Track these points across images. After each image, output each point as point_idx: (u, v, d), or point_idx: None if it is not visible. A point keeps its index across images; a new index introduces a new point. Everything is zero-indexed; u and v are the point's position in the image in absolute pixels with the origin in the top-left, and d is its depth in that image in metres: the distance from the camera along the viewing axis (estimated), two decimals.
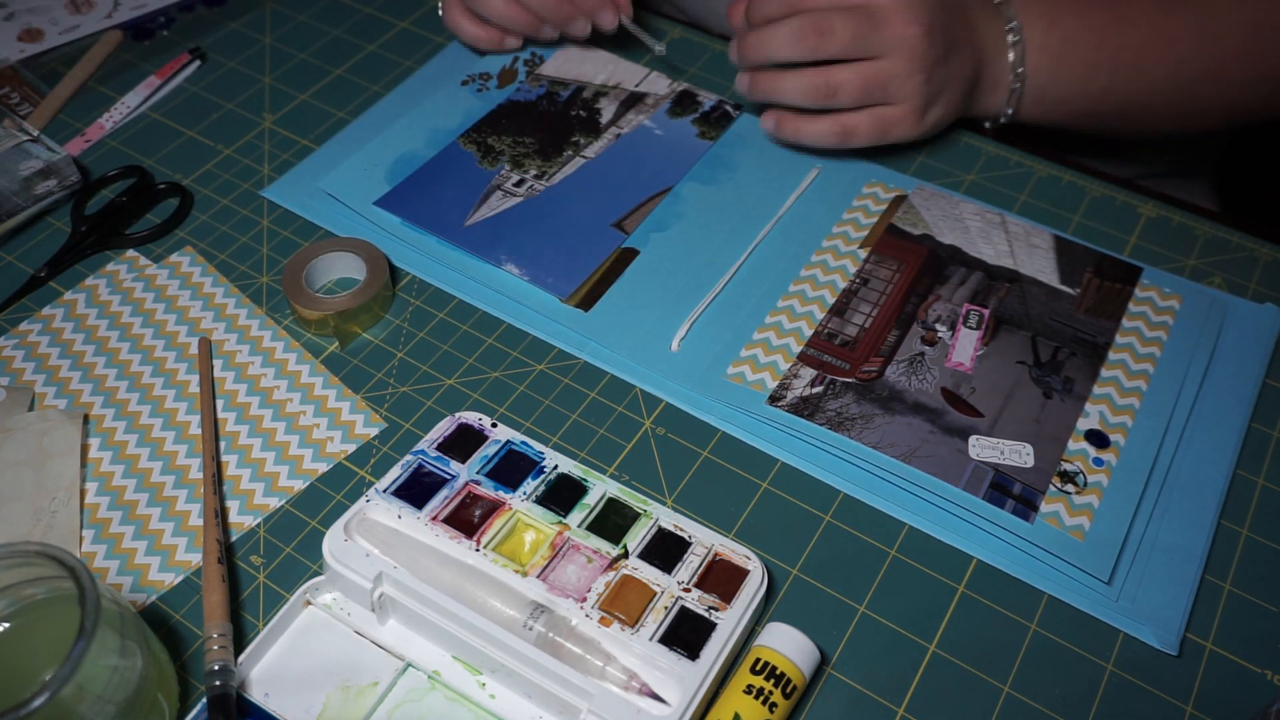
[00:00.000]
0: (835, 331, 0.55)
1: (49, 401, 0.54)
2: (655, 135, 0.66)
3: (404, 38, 0.74)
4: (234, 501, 0.50)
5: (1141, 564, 0.47)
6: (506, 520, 0.46)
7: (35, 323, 0.57)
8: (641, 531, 0.46)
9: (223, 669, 0.41)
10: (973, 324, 0.56)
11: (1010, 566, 0.47)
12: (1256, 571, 0.47)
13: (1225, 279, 0.59)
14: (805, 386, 0.53)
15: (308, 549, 0.48)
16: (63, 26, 0.73)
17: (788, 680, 0.42)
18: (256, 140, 0.67)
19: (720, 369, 0.54)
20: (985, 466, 0.50)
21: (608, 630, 0.42)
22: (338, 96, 0.70)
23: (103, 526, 0.49)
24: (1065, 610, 0.46)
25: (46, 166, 0.62)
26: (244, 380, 0.54)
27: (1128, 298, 0.57)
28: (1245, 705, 0.43)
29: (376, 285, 0.56)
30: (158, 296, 0.58)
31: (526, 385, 0.54)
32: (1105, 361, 0.54)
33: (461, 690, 0.43)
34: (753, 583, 0.44)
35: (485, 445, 0.49)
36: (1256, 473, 0.51)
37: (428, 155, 0.65)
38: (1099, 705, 0.43)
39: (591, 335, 0.56)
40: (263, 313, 0.57)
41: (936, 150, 0.65)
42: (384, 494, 0.46)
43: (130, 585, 0.47)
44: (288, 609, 0.44)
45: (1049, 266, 0.58)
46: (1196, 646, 0.45)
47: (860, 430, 0.51)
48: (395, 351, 0.56)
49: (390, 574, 0.43)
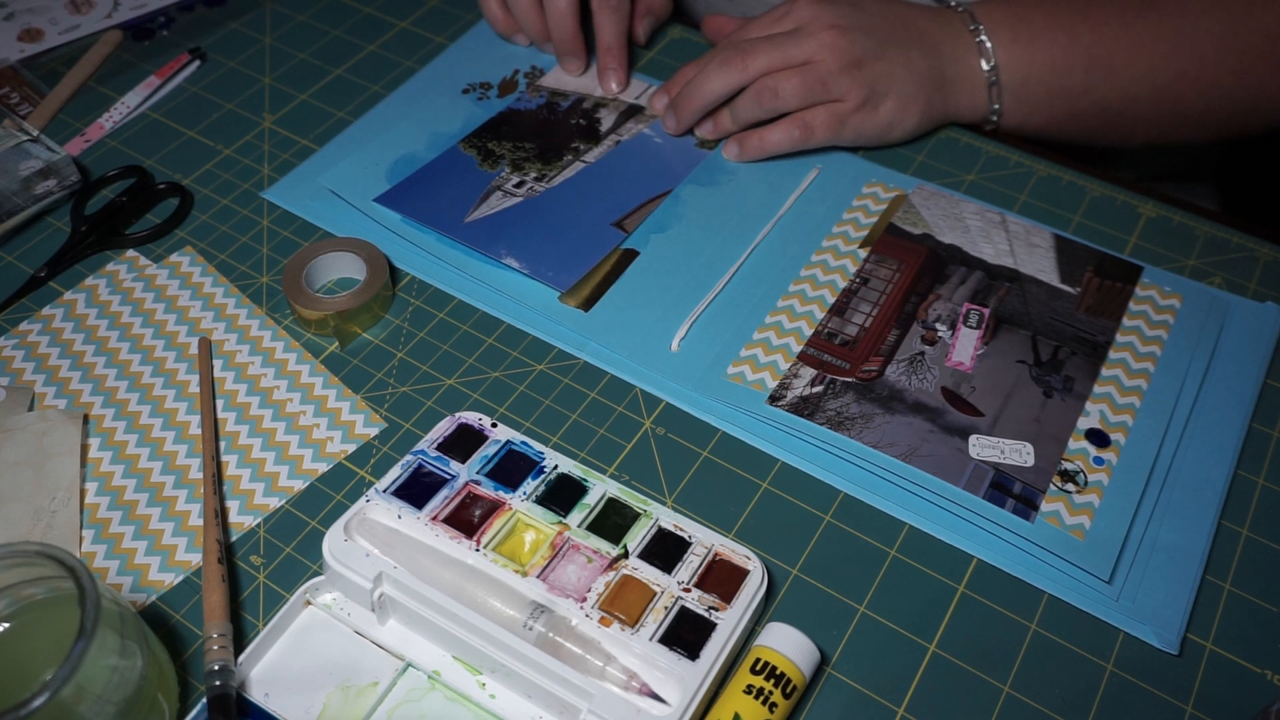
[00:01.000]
0: (835, 331, 0.55)
1: (49, 401, 0.54)
2: (654, 142, 0.66)
3: (404, 38, 0.74)
4: (234, 501, 0.50)
5: (1142, 563, 0.47)
6: (506, 520, 0.46)
7: (35, 323, 0.57)
8: (641, 531, 0.46)
9: (223, 669, 0.41)
10: (973, 323, 0.56)
11: (1010, 566, 0.47)
12: (1256, 571, 0.47)
13: (1225, 279, 0.59)
14: (805, 386, 0.53)
15: (308, 549, 0.48)
16: (62, 26, 0.73)
17: (788, 680, 0.42)
18: (256, 140, 0.67)
19: (720, 369, 0.54)
20: (985, 466, 0.50)
21: (608, 630, 0.42)
22: (338, 96, 0.70)
23: (103, 526, 0.49)
24: (1065, 610, 0.46)
25: (46, 166, 0.62)
26: (244, 380, 0.54)
27: (1128, 297, 0.57)
28: (1245, 705, 0.43)
29: (376, 285, 0.56)
30: (158, 296, 0.58)
31: (526, 385, 0.54)
32: (1106, 360, 0.54)
33: (461, 690, 0.43)
34: (753, 583, 0.44)
35: (485, 445, 0.49)
36: (1256, 473, 0.51)
37: (428, 157, 0.65)
38: (1099, 705, 0.43)
39: (591, 335, 0.56)
40: (263, 313, 0.57)
41: (936, 150, 0.65)
42: (384, 494, 0.46)
43: (130, 585, 0.47)
44: (288, 609, 0.44)
45: (1049, 266, 0.58)
46: (1196, 646, 0.45)
47: (860, 430, 0.51)
48: (395, 351, 0.56)
49: (390, 574, 0.43)
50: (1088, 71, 0.62)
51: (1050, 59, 0.62)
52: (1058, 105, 0.63)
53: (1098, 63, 0.61)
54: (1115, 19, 0.61)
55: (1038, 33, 0.62)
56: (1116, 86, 0.62)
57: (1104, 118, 0.64)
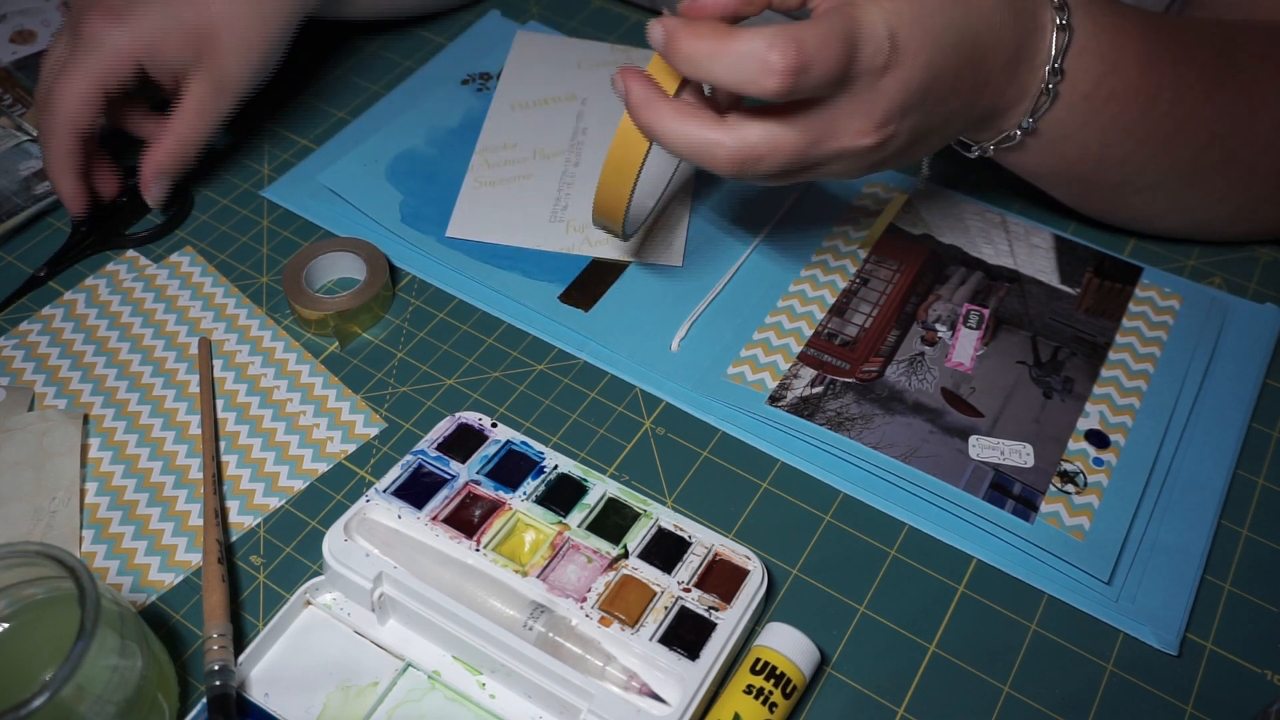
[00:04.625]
0: (835, 331, 0.55)
1: (49, 401, 0.53)
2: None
3: (404, 38, 0.74)
4: (234, 501, 0.50)
5: (1141, 564, 0.47)
6: (506, 520, 0.46)
7: (35, 323, 0.57)
8: (641, 531, 0.46)
9: (223, 669, 0.41)
10: (973, 324, 0.56)
11: (1010, 566, 0.47)
12: (1256, 571, 0.47)
13: (1225, 279, 0.59)
14: (805, 386, 0.53)
15: (308, 549, 0.48)
16: (55, 28, 0.73)
17: (788, 680, 0.42)
18: (256, 140, 0.67)
19: (720, 369, 0.54)
20: (985, 466, 0.50)
21: (608, 630, 0.42)
22: (338, 96, 0.70)
23: (103, 526, 0.49)
24: (1065, 610, 0.46)
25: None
26: (244, 380, 0.54)
27: (1128, 297, 0.57)
28: (1245, 705, 0.43)
29: (376, 285, 0.56)
30: (158, 296, 0.58)
31: (526, 385, 0.54)
32: (1105, 361, 0.54)
33: (461, 690, 0.43)
34: (753, 583, 0.44)
35: (485, 445, 0.49)
36: (1256, 473, 0.51)
37: (428, 153, 0.65)
38: (1099, 705, 0.43)
39: (591, 335, 0.56)
40: (263, 313, 0.57)
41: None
42: (384, 494, 0.46)
43: (130, 585, 0.47)
44: (288, 609, 0.44)
45: (1049, 266, 0.58)
46: (1196, 646, 0.45)
47: (860, 430, 0.51)
48: (395, 351, 0.56)
49: (390, 574, 0.43)
50: (1140, 145, 0.51)
51: (1107, 127, 0.51)
52: (1073, 169, 0.54)
53: (1154, 137, 0.51)
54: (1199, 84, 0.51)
55: (1115, 91, 0.50)
56: (1156, 164, 0.53)
57: (1115, 191, 0.55)
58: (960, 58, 0.45)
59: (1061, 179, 0.55)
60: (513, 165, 0.64)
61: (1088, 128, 0.50)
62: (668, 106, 0.44)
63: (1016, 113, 0.49)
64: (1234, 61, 0.52)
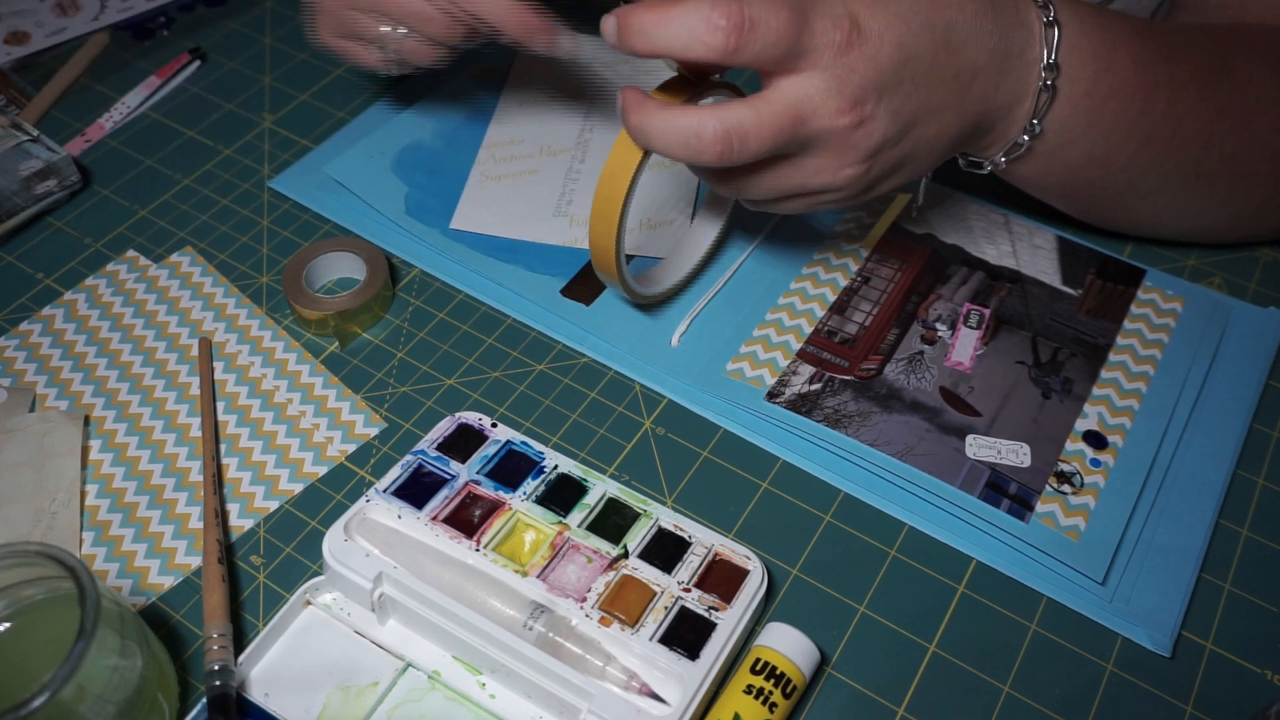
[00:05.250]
0: (835, 329, 0.55)
1: (50, 402, 0.54)
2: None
3: None
4: (234, 505, 0.50)
5: (1137, 565, 0.47)
6: (506, 520, 0.46)
7: (35, 323, 0.57)
8: (641, 531, 0.46)
9: (223, 669, 0.41)
10: (973, 323, 0.56)
11: (1007, 567, 0.47)
12: (1256, 571, 0.47)
13: (1225, 279, 0.59)
14: (804, 383, 0.53)
15: (308, 549, 0.48)
16: (49, 29, 0.73)
17: (788, 680, 0.42)
18: (256, 140, 0.67)
19: (720, 364, 0.54)
20: (982, 465, 0.50)
21: (608, 630, 0.42)
22: (338, 96, 0.70)
23: (103, 529, 0.49)
24: (1064, 610, 0.46)
25: (46, 166, 0.62)
26: (245, 382, 0.54)
27: (1130, 299, 0.57)
28: (1245, 705, 0.43)
29: (376, 285, 0.56)
30: (159, 297, 0.58)
31: (526, 385, 0.54)
32: (1105, 363, 0.54)
33: (461, 690, 0.43)
34: (753, 583, 0.44)
35: (485, 445, 0.49)
36: (1256, 473, 0.51)
37: (434, 146, 0.65)
38: (1099, 705, 0.43)
39: (592, 330, 0.56)
40: (263, 313, 0.57)
41: None
42: (384, 494, 0.46)
43: (130, 589, 0.47)
44: (288, 609, 0.44)
45: (1052, 267, 0.58)
46: (1196, 646, 0.45)
47: (857, 428, 0.51)
48: (395, 351, 0.56)
49: (390, 574, 0.43)
50: (1143, 146, 0.51)
51: (1112, 126, 0.51)
52: (1080, 175, 0.53)
53: (1158, 138, 0.51)
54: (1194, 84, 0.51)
55: (1116, 87, 0.50)
56: (1159, 168, 0.53)
57: (1120, 197, 0.55)
58: (935, 41, 0.45)
59: (1069, 189, 0.55)
60: (519, 160, 0.64)
61: (1092, 128, 0.50)
62: (655, 104, 0.45)
63: (1019, 114, 0.49)
64: (1226, 63, 0.52)
